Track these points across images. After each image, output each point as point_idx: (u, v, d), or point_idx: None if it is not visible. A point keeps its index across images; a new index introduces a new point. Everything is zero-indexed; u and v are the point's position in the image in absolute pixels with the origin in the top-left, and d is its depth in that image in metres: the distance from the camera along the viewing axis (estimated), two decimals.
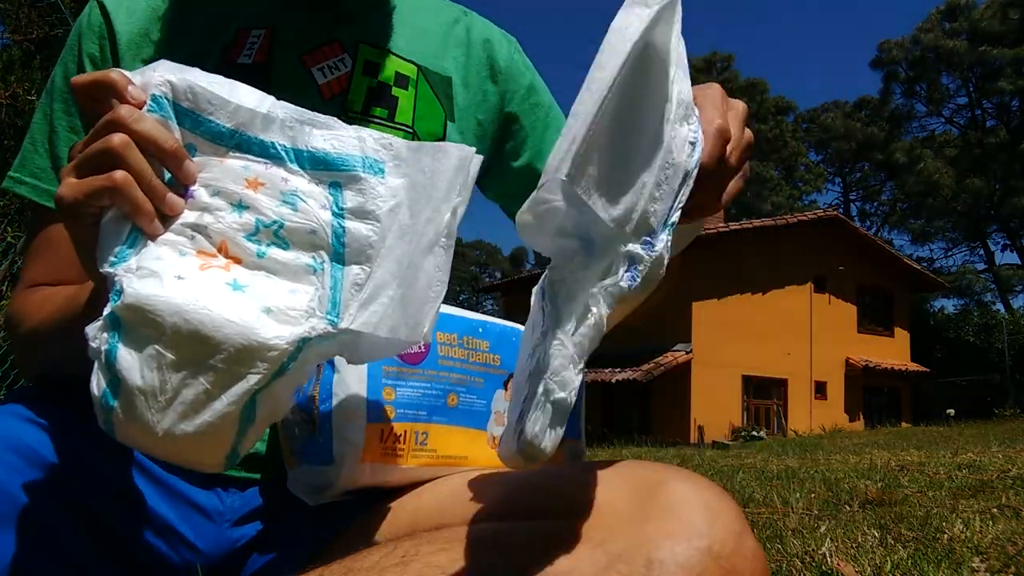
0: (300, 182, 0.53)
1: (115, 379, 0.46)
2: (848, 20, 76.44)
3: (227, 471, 0.73)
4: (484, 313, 0.75)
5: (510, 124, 0.91)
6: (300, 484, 0.66)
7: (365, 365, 0.63)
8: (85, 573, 0.61)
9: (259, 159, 0.52)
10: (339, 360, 0.63)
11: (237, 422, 0.48)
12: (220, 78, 0.52)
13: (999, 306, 29.05)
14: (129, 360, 0.45)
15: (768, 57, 77.13)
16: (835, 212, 18.85)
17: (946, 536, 1.71)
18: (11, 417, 0.62)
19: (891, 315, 19.58)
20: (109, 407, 0.46)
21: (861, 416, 18.24)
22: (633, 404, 16.42)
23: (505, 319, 0.76)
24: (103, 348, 0.46)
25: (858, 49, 78.20)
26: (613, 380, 14.98)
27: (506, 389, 0.72)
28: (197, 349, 0.46)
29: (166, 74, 0.50)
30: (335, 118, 0.55)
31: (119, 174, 0.47)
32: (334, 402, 0.63)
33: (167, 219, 0.50)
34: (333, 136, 0.54)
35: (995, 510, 2.12)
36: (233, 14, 0.80)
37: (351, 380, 0.63)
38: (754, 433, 15.01)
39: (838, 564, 1.44)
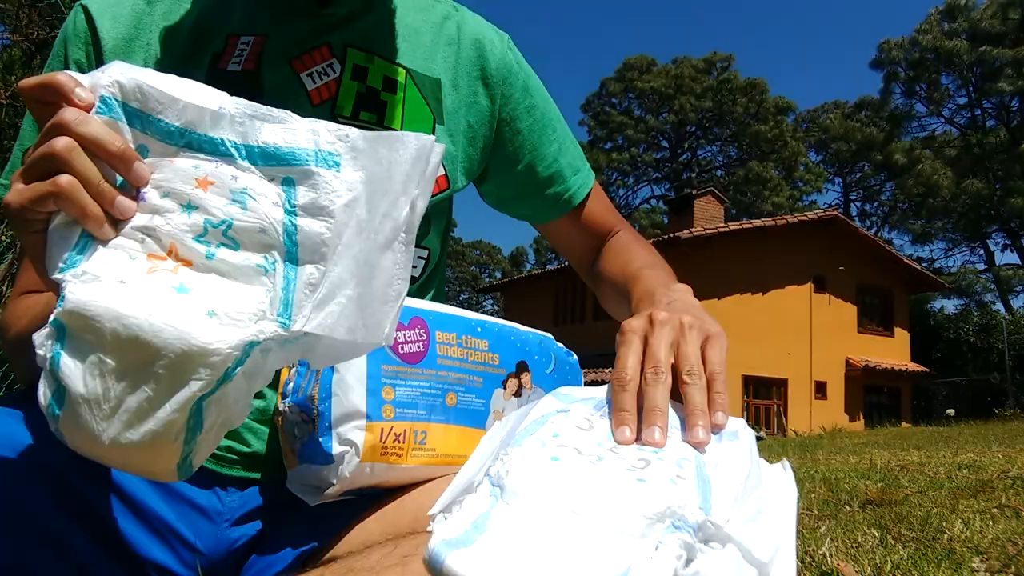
0: (251, 179, 0.50)
1: (59, 387, 0.45)
2: (848, 20, 76.51)
3: (249, 420, 0.73)
4: (484, 313, 0.75)
5: (506, 128, 0.91)
6: (299, 484, 0.66)
7: (364, 365, 0.63)
8: (85, 572, 0.61)
9: (209, 157, 0.50)
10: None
11: (183, 431, 0.47)
12: (173, 77, 0.51)
13: (999, 306, 29.09)
14: (72, 368, 0.45)
15: (768, 57, 77.17)
16: (835, 212, 18.82)
17: (946, 536, 1.71)
18: (9, 418, 0.62)
19: (891, 315, 19.58)
20: (55, 415, 0.46)
21: (861, 416, 18.23)
22: None
23: (505, 319, 0.76)
24: (48, 356, 0.45)
25: (858, 49, 78.24)
26: None
27: (505, 388, 0.72)
28: (137, 355, 0.44)
29: (115, 75, 0.49)
30: (289, 112, 0.52)
31: (64, 178, 0.47)
32: (333, 402, 0.63)
33: (119, 223, 0.49)
34: (285, 130, 0.51)
35: (995, 510, 2.11)
36: (223, 21, 0.79)
37: (350, 380, 0.63)
38: (754, 433, 14.98)
39: (838, 564, 1.44)
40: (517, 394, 0.73)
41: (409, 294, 0.58)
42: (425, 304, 0.69)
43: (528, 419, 0.54)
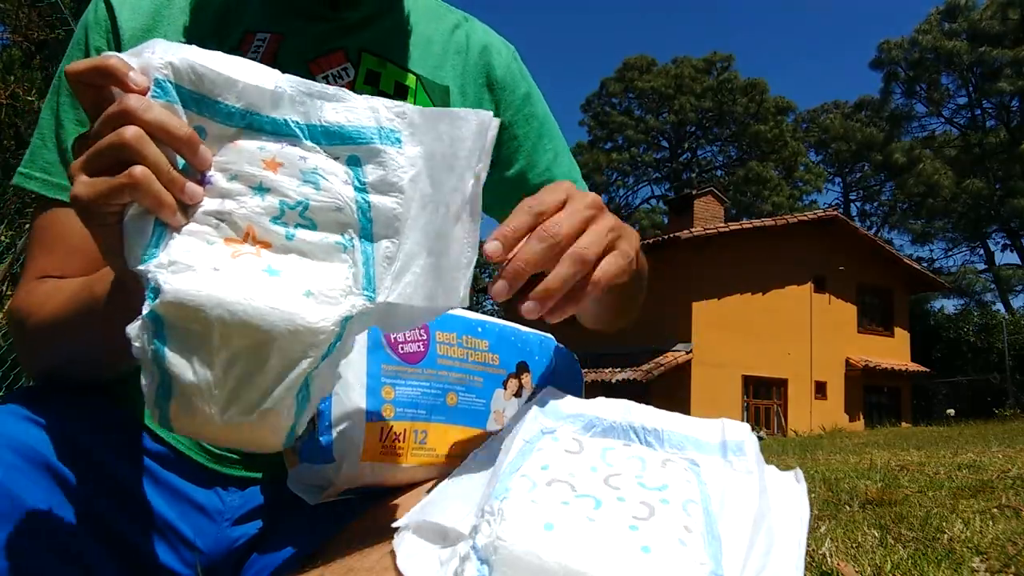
0: (318, 159, 0.51)
1: (166, 378, 0.45)
2: (848, 20, 76.47)
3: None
4: (484, 313, 0.75)
5: (504, 133, 0.91)
6: (300, 483, 0.66)
7: (364, 364, 0.63)
8: (85, 572, 0.61)
9: (272, 138, 0.50)
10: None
11: (294, 405, 0.48)
12: (219, 54, 0.50)
13: (999, 306, 29.10)
14: (179, 359, 0.45)
15: (768, 57, 77.18)
16: (835, 212, 18.82)
17: (946, 536, 1.71)
18: (11, 416, 0.62)
19: (891, 315, 19.57)
20: (164, 405, 0.46)
21: (861, 416, 18.23)
22: None
23: (504, 319, 0.76)
24: (149, 348, 0.45)
25: (858, 49, 78.25)
26: (613, 380, 14.98)
27: (505, 388, 0.72)
28: (246, 340, 0.45)
29: (166, 55, 0.48)
30: (344, 89, 0.53)
31: (138, 170, 0.46)
32: (334, 401, 0.63)
33: (188, 209, 0.48)
34: (346, 108, 0.52)
35: (995, 510, 2.11)
36: (240, 17, 0.80)
37: (351, 379, 0.63)
38: (754, 433, 14.95)
39: (838, 564, 1.44)
40: (517, 394, 0.73)
41: None
42: None
43: (515, 446, 0.52)
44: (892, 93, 33.19)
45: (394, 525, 0.52)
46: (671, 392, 15.36)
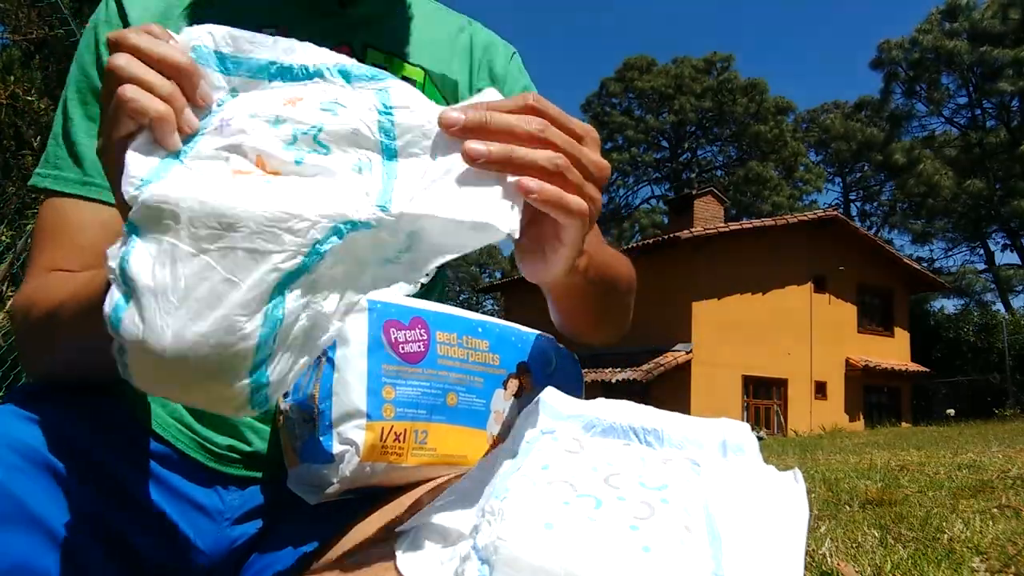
0: (342, 92, 0.49)
1: (127, 287, 0.41)
2: (848, 20, 76.46)
3: (250, 419, 0.71)
4: (484, 313, 0.75)
5: None
6: (300, 483, 0.67)
7: (365, 364, 0.63)
8: (85, 572, 0.61)
9: (302, 83, 0.49)
10: (339, 359, 0.63)
11: (259, 327, 0.41)
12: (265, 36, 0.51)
13: (999, 306, 29.09)
14: (141, 260, 0.41)
15: (768, 57, 77.17)
16: (835, 212, 18.81)
17: (946, 536, 1.71)
18: (11, 416, 0.62)
19: (891, 315, 19.57)
20: (118, 321, 0.41)
21: (861, 416, 18.23)
22: None
23: (505, 319, 0.76)
24: (117, 258, 0.42)
25: (858, 49, 78.27)
26: (613, 380, 14.98)
27: (505, 388, 0.72)
28: (215, 232, 0.40)
29: (208, 27, 0.49)
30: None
31: (127, 88, 0.46)
32: (334, 401, 0.63)
33: (194, 140, 0.46)
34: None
35: (995, 510, 2.11)
36: (248, 12, 0.80)
37: (351, 379, 0.63)
38: (754, 433, 14.97)
39: (838, 564, 1.44)
40: (518, 395, 0.73)
41: (411, 295, 0.58)
42: (426, 304, 0.69)
43: (515, 446, 0.52)
44: (892, 93, 33.19)
45: (397, 530, 0.52)
46: (671, 392, 15.36)
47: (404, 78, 0.83)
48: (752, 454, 0.54)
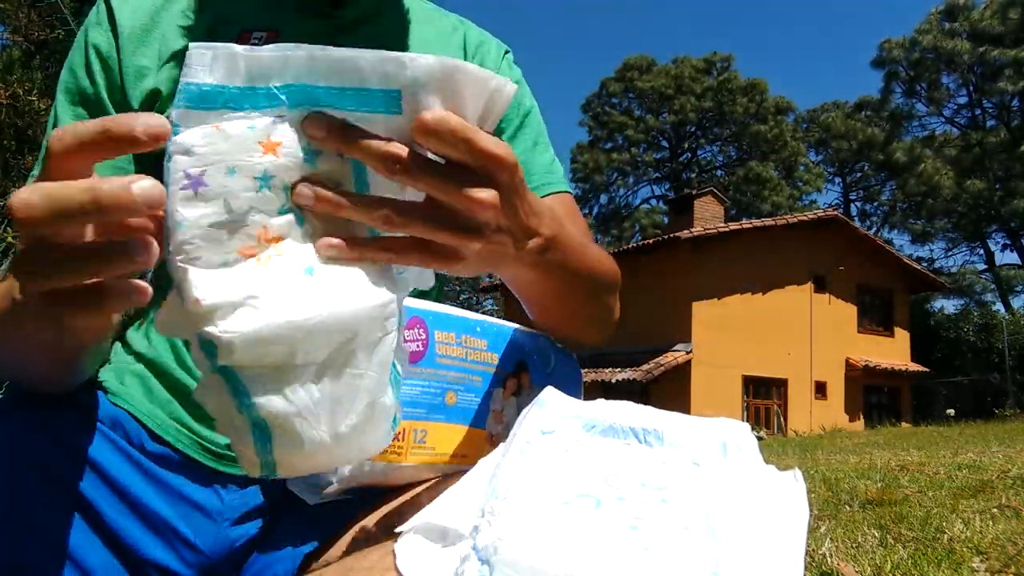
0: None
1: (260, 424, 0.42)
2: (848, 20, 76.46)
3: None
4: (484, 313, 0.75)
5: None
6: (300, 483, 0.66)
7: None
8: (85, 572, 0.61)
9: (257, 112, 0.43)
10: None
11: (390, 387, 0.46)
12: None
13: (999, 306, 29.09)
14: (267, 399, 0.41)
15: (768, 57, 77.20)
16: (835, 212, 18.83)
17: (946, 536, 1.71)
18: (9, 417, 0.62)
19: (891, 315, 19.57)
20: (266, 454, 0.43)
21: (861, 416, 18.23)
22: None
23: (504, 319, 0.76)
24: (230, 405, 0.42)
25: (858, 49, 78.27)
26: (613, 380, 14.98)
27: (503, 387, 0.72)
28: (327, 347, 0.42)
29: None
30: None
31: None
32: None
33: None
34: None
35: (995, 510, 2.11)
36: (239, 16, 0.80)
37: None
38: (754, 433, 14.98)
39: (838, 564, 1.44)
40: (516, 394, 0.73)
41: (410, 295, 0.58)
42: (424, 304, 0.69)
43: (514, 446, 0.52)
44: (892, 93, 33.21)
45: (397, 530, 0.52)
46: (671, 392, 15.36)
47: None
48: (752, 454, 0.54)
